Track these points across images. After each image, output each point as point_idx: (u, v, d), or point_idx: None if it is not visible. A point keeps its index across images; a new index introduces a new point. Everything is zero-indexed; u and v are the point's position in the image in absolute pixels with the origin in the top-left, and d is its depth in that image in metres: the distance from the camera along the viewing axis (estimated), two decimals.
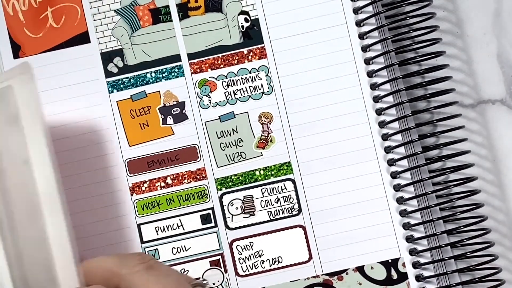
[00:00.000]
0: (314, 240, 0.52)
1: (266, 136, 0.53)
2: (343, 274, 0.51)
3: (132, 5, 0.53)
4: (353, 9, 0.52)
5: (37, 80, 0.46)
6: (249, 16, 0.53)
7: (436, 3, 0.54)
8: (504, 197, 0.53)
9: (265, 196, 0.52)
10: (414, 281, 0.51)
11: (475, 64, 0.54)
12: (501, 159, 0.54)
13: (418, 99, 0.52)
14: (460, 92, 0.54)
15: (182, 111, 0.53)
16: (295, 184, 0.52)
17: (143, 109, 0.53)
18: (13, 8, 0.53)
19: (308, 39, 0.53)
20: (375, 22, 0.52)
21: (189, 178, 0.52)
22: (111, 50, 0.53)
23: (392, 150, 0.52)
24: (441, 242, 0.51)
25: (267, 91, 0.53)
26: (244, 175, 0.52)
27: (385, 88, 0.52)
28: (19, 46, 0.53)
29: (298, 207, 0.52)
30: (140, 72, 0.53)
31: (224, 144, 0.52)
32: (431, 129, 0.53)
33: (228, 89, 0.53)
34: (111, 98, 0.53)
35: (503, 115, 0.54)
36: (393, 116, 0.52)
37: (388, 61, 0.52)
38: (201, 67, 0.53)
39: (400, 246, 0.51)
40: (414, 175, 0.51)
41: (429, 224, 0.51)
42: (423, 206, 0.51)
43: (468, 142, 0.53)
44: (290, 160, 0.52)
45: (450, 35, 0.54)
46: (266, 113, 0.53)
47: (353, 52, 0.52)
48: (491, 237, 0.52)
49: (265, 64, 0.53)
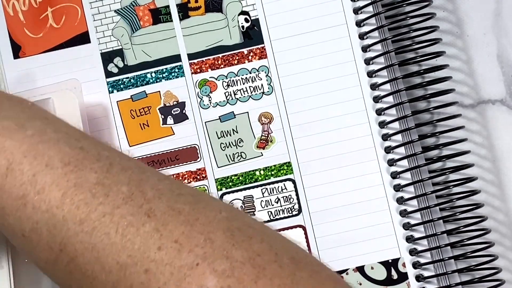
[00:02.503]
0: (314, 240, 0.52)
1: (266, 136, 0.53)
2: (343, 274, 0.51)
3: (132, 5, 0.53)
4: (353, 9, 0.52)
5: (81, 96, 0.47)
6: (249, 16, 0.53)
7: (436, 3, 0.54)
8: (504, 197, 0.53)
9: (265, 196, 0.52)
10: (414, 281, 0.51)
11: (475, 64, 0.54)
12: (501, 159, 0.54)
13: (418, 99, 0.52)
14: (460, 92, 0.54)
15: (182, 111, 0.53)
16: (295, 184, 0.52)
17: (143, 109, 0.53)
18: (13, 8, 0.53)
19: (308, 39, 0.53)
20: (375, 22, 0.52)
21: (189, 178, 0.52)
22: (111, 50, 0.53)
23: (392, 150, 0.52)
24: (441, 242, 0.51)
25: (267, 91, 0.53)
26: (244, 175, 0.52)
27: (385, 88, 0.52)
28: (19, 46, 0.53)
29: (298, 207, 0.52)
30: (140, 72, 0.53)
31: (224, 144, 0.52)
32: (431, 129, 0.53)
33: (228, 89, 0.53)
34: (111, 98, 0.53)
35: (503, 115, 0.54)
36: (393, 116, 0.52)
37: (388, 61, 0.52)
38: (201, 67, 0.53)
39: (400, 246, 0.51)
40: (414, 175, 0.51)
41: (429, 224, 0.51)
42: (423, 206, 0.51)
43: (468, 142, 0.53)
44: (290, 160, 0.52)
45: (450, 35, 0.54)
46: (266, 113, 0.53)
47: (353, 52, 0.52)
48: (491, 237, 0.52)
49: (265, 64, 0.53)
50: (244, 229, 0.38)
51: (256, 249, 0.37)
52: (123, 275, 0.36)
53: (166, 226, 0.36)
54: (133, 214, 0.37)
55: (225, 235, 0.37)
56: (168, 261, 0.36)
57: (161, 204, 0.37)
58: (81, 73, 0.53)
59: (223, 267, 0.35)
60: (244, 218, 0.39)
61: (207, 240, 0.36)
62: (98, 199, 0.37)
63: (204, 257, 0.36)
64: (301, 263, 0.38)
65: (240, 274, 0.35)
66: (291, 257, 0.37)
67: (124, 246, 0.36)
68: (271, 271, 0.36)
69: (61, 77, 0.52)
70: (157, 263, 0.36)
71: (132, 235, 0.36)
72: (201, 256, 0.36)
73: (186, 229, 0.37)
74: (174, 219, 0.37)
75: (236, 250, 0.36)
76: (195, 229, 0.37)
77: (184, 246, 0.36)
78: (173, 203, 0.38)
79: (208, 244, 0.36)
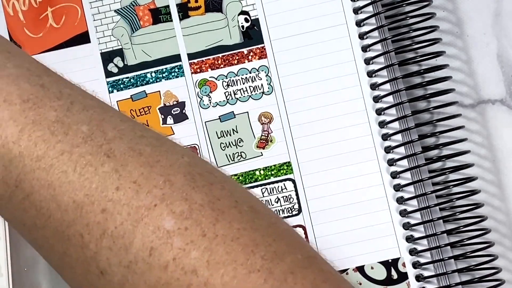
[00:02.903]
0: (314, 240, 0.52)
1: (266, 136, 0.53)
2: (343, 274, 0.51)
3: (132, 5, 0.53)
4: (353, 9, 0.52)
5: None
6: (249, 16, 0.53)
7: (436, 3, 0.54)
8: (504, 197, 0.53)
9: (265, 196, 0.52)
10: (414, 281, 0.51)
11: (475, 64, 0.54)
12: (501, 159, 0.54)
13: (418, 99, 0.52)
14: (460, 92, 0.54)
15: (182, 111, 0.53)
16: (295, 184, 0.52)
17: (143, 109, 0.53)
18: (13, 8, 0.53)
19: (308, 39, 0.53)
20: (375, 22, 0.52)
21: None
22: (111, 50, 0.53)
23: (392, 150, 0.52)
24: (441, 242, 0.51)
25: (267, 91, 0.53)
26: (244, 175, 0.52)
27: (385, 88, 0.52)
28: (19, 46, 0.53)
29: (298, 207, 0.52)
30: (140, 72, 0.53)
31: (224, 144, 0.53)
32: (431, 129, 0.53)
33: (228, 89, 0.53)
34: (111, 98, 0.53)
35: (503, 115, 0.54)
36: (393, 116, 0.52)
37: (388, 61, 0.52)
38: (201, 67, 0.53)
39: (400, 246, 0.51)
40: (414, 175, 0.51)
41: (429, 224, 0.51)
42: (423, 206, 0.51)
43: (468, 142, 0.53)
44: (290, 160, 0.52)
45: (450, 35, 0.54)
46: (266, 113, 0.53)
47: (353, 52, 0.52)
48: (491, 237, 0.52)
49: (265, 64, 0.53)
50: (205, 175, 0.37)
51: (216, 194, 0.36)
52: (79, 214, 0.35)
53: (125, 167, 0.36)
54: (92, 153, 0.36)
55: (185, 178, 0.36)
56: (125, 201, 0.35)
57: (121, 144, 0.37)
58: (81, 73, 0.53)
59: (181, 209, 0.35)
60: (206, 165, 0.39)
61: (167, 182, 0.36)
62: (57, 137, 0.36)
63: (162, 198, 0.35)
64: (261, 213, 0.38)
65: (198, 216, 0.35)
66: (251, 206, 0.37)
67: (81, 185, 0.36)
68: (230, 215, 0.36)
69: None
70: (114, 203, 0.35)
71: (90, 174, 0.36)
72: (159, 197, 0.35)
73: (145, 170, 0.36)
74: (134, 160, 0.36)
75: (196, 193, 0.36)
76: (155, 171, 0.36)
77: (143, 187, 0.35)
78: (134, 144, 0.37)
79: (167, 186, 0.36)
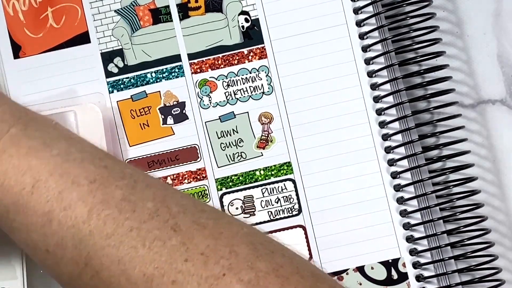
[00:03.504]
0: (314, 240, 0.52)
1: (266, 136, 0.53)
2: (343, 274, 0.51)
3: (132, 5, 0.53)
4: (353, 9, 0.52)
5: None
6: (249, 16, 0.53)
7: (436, 3, 0.54)
8: (504, 197, 0.53)
9: (265, 196, 0.52)
10: (414, 281, 0.51)
11: (475, 64, 0.54)
12: (501, 159, 0.54)
13: (418, 99, 0.52)
14: (460, 92, 0.54)
15: (182, 111, 0.53)
16: (295, 184, 0.52)
17: (144, 109, 0.53)
18: (13, 8, 0.53)
19: (308, 39, 0.53)
20: (375, 22, 0.52)
21: (190, 178, 0.52)
22: (111, 50, 0.53)
23: (392, 150, 0.52)
24: (441, 242, 0.51)
25: (267, 91, 0.53)
26: (244, 175, 0.52)
27: (385, 88, 0.52)
28: (19, 46, 0.53)
29: (298, 207, 0.52)
30: (140, 72, 0.53)
31: (224, 144, 0.52)
32: (431, 129, 0.53)
33: (228, 89, 0.53)
34: (111, 98, 0.53)
35: (503, 115, 0.54)
36: (393, 116, 0.52)
37: (388, 61, 0.52)
38: (201, 67, 0.53)
39: (400, 246, 0.51)
40: (414, 175, 0.51)
41: (429, 224, 0.51)
42: (423, 206, 0.51)
43: (468, 142, 0.53)
44: (290, 160, 0.52)
45: (450, 35, 0.54)
46: (266, 113, 0.53)
47: (353, 52, 0.52)
48: (491, 237, 0.52)
49: (265, 64, 0.53)
50: (266, 244, 0.39)
51: (278, 262, 0.38)
52: (149, 286, 0.37)
53: (191, 240, 0.37)
54: (160, 228, 0.38)
55: (248, 248, 0.38)
56: (195, 272, 0.36)
57: (186, 219, 0.38)
58: (81, 73, 0.53)
59: (249, 277, 0.36)
60: (264, 236, 0.41)
61: (232, 252, 0.37)
62: (125, 214, 0.38)
63: (230, 268, 0.37)
64: (321, 277, 0.39)
65: (265, 283, 0.36)
66: (311, 271, 0.39)
67: (151, 259, 0.37)
68: (294, 281, 0.37)
69: (61, 77, 0.52)
70: (184, 274, 0.37)
71: (159, 248, 0.37)
72: (227, 267, 0.37)
73: (211, 242, 0.38)
74: (199, 233, 0.38)
75: (260, 262, 0.37)
76: (220, 243, 0.38)
77: (210, 258, 0.37)
78: (197, 218, 0.39)
79: (233, 256, 0.37)
